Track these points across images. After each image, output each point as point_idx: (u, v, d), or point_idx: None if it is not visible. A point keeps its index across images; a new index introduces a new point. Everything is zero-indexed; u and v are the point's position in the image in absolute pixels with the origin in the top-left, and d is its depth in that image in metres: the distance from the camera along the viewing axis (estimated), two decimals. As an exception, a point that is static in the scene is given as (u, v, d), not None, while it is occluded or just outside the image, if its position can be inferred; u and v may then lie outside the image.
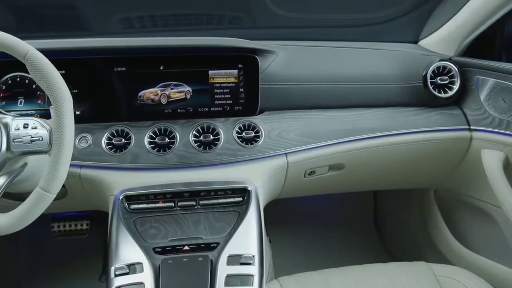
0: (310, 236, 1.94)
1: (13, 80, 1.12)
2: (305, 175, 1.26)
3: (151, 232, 1.02)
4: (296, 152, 1.18)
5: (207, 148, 1.14)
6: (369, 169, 1.33)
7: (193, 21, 1.53)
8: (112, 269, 0.92)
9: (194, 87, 1.17)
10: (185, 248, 0.98)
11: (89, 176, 1.10)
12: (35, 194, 0.82)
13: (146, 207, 1.06)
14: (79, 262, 1.82)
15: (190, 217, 1.06)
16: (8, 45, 0.83)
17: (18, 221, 0.82)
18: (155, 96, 1.16)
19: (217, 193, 1.09)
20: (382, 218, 2.00)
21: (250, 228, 1.02)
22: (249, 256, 0.94)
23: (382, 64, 1.32)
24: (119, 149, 1.12)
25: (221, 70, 1.17)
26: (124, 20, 1.51)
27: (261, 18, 1.53)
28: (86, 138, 1.12)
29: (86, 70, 1.13)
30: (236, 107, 1.20)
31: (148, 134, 1.14)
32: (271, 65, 1.22)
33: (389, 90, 1.30)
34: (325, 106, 1.27)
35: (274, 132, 1.19)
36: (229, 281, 0.90)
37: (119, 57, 1.14)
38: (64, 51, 1.11)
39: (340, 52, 1.34)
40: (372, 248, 1.94)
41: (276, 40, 1.32)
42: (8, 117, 0.86)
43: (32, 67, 0.82)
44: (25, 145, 0.84)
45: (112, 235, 1.00)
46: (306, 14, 1.52)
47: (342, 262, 1.23)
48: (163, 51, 1.16)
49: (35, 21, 1.55)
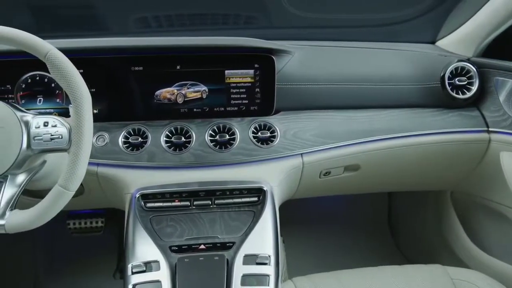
0: (323, 236, 1.93)
1: (32, 79, 1.14)
2: (320, 175, 1.25)
3: (167, 231, 1.02)
4: (312, 153, 1.18)
5: (223, 148, 1.14)
6: (385, 170, 1.32)
7: (209, 21, 1.54)
8: (129, 266, 0.93)
9: (210, 86, 1.17)
10: (201, 247, 0.99)
11: (106, 174, 1.11)
12: (54, 192, 0.83)
13: (162, 205, 1.07)
14: (94, 259, 1.84)
15: (205, 216, 1.06)
16: (29, 44, 0.84)
17: (38, 218, 0.83)
18: (171, 96, 1.17)
19: (232, 193, 1.10)
20: (396, 220, 1.98)
21: (266, 228, 1.02)
22: (265, 256, 0.95)
23: (399, 65, 1.31)
24: (136, 147, 1.13)
25: (237, 70, 1.17)
26: (141, 19, 1.52)
27: (277, 18, 1.53)
28: (103, 136, 1.13)
29: (104, 69, 1.15)
30: (252, 107, 1.20)
31: (165, 133, 1.15)
32: (287, 65, 1.22)
33: (406, 91, 1.28)
34: (341, 106, 1.26)
35: (290, 132, 1.18)
36: (245, 280, 0.90)
37: (136, 56, 1.15)
38: (83, 50, 1.13)
39: (356, 52, 1.33)
40: (386, 250, 1.93)
41: (291, 40, 1.32)
42: (28, 115, 0.88)
43: (52, 66, 0.83)
44: (45, 143, 0.85)
45: (128, 233, 1.01)
46: (322, 14, 1.52)
47: (355, 263, 1.22)
48: (180, 51, 1.16)
49: (53, 21, 1.57)
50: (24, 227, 0.83)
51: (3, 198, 0.84)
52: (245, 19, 1.55)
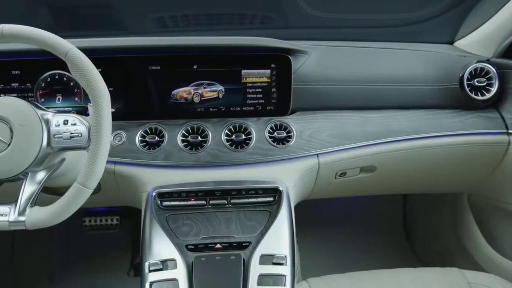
0: (336, 238, 1.92)
1: (52, 77, 1.15)
2: (336, 176, 1.24)
3: (183, 229, 1.03)
4: (328, 153, 1.18)
5: (239, 147, 1.15)
6: (401, 172, 1.30)
7: (225, 21, 1.54)
8: (146, 264, 0.94)
9: (227, 86, 1.18)
10: (217, 246, 0.99)
11: (123, 172, 1.12)
12: (73, 189, 0.83)
13: (178, 204, 1.08)
14: (109, 256, 1.86)
15: (221, 215, 1.07)
16: (51, 43, 0.85)
17: (58, 215, 0.84)
18: (188, 95, 1.17)
19: (248, 193, 1.10)
20: (411, 222, 1.96)
21: (282, 228, 1.02)
22: (281, 256, 0.95)
23: (416, 65, 1.30)
24: (153, 146, 1.13)
25: (254, 70, 1.17)
26: (158, 19, 1.53)
27: (294, 18, 1.52)
28: (120, 135, 1.14)
29: (121, 69, 1.16)
30: (268, 107, 1.20)
31: (181, 133, 1.15)
32: (303, 65, 1.22)
33: (424, 92, 1.27)
34: (357, 107, 1.25)
35: (306, 132, 1.18)
36: (262, 280, 0.90)
37: (154, 56, 1.16)
38: (102, 49, 1.14)
39: (373, 52, 1.32)
40: (400, 252, 1.91)
41: (308, 40, 1.32)
42: (49, 114, 0.88)
43: (72, 65, 0.84)
44: (64, 141, 0.86)
45: (145, 231, 1.02)
46: (339, 14, 1.51)
47: (369, 265, 1.21)
48: (197, 51, 1.17)
49: (72, 21, 1.59)
50: (44, 224, 0.84)
51: (23, 195, 0.85)
52: (261, 19, 1.55)
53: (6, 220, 0.83)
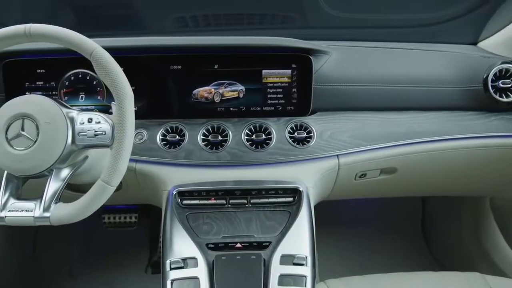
0: (353, 239, 1.91)
1: (75, 76, 1.17)
2: (356, 177, 1.24)
3: (203, 228, 1.04)
4: (348, 154, 1.17)
5: (259, 147, 1.15)
6: (422, 174, 1.29)
7: (246, 21, 1.54)
8: (167, 262, 0.94)
9: (248, 86, 1.18)
10: (238, 245, 0.99)
11: (144, 170, 1.13)
12: (97, 186, 0.85)
13: (198, 203, 1.09)
14: (127, 253, 1.88)
15: (241, 215, 1.07)
16: (76, 43, 0.86)
17: (81, 211, 0.85)
18: (208, 94, 1.18)
19: (268, 192, 1.10)
20: (430, 225, 1.93)
21: (302, 228, 1.02)
22: (302, 256, 0.95)
23: (439, 66, 1.28)
24: (173, 145, 1.14)
25: (275, 70, 1.17)
26: (179, 19, 1.54)
27: (314, 18, 1.52)
28: (141, 133, 1.16)
29: (143, 68, 1.17)
30: (288, 107, 1.19)
31: (202, 132, 1.16)
32: (324, 66, 1.21)
33: (446, 93, 1.25)
34: (378, 108, 1.24)
35: (326, 133, 1.18)
36: (282, 280, 0.90)
37: (175, 55, 1.17)
38: (124, 49, 1.15)
39: (395, 53, 1.31)
40: (419, 255, 1.89)
41: (328, 40, 1.31)
42: (73, 112, 0.90)
43: (97, 64, 0.86)
44: (89, 138, 0.87)
45: (166, 229, 1.03)
46: (360, 14, 1.50)
47: (387, 267, 1.20)
48: (218, 50, 1.17)
49: (94, 20, 1.61)
50: (68, 220, 0.85)
51: (48, 192, 0.86)
52: (281, 19, 1.54)
53: (32, 216, 0.85)
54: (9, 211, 0.85)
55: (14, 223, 0.86)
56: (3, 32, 0.87)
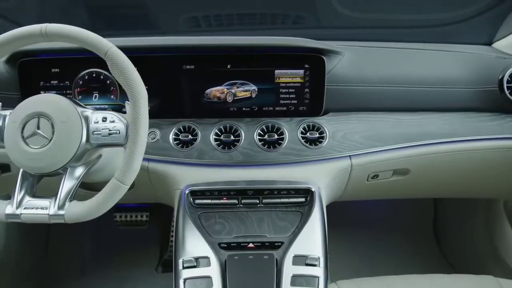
0: (364, 240, 1.90)
1: (89, 75, 1.18)
2: (368, 178, 1.23)
3: (215, 228, 1.04)
4: (361, 155, 1.16)
5: (271, 147, 1.15)
6: (435, 176, 1.28)
7: (258, 21, 1.54)
8: (180, 261, 0.95)
9: (260, 86, 1.18)
10: (250, 245, 0.99)
11: (157, 170, 1.14)
12: (111, 185, 0.85)
13: (210, 202, 1.09)
14: (138, 251, 1.90)
15: (253, 215, 1.07)
16: (91, 42, 0.87)
17: (95, 210, 0.86)
18: (221, 94, 1.18)
19: (280, 193, 1.10)
20: (442, 227, 1.92)
21: (315, 229, 1.02)
22: (314, 257, 0.95)
23: (453, 67, 1.27)
24: (186, 145, 1.15)
25: (287, 70, 1.17)
26: (191, 19, 1.54)
27: (327, 18, 1.51)
28: (154, 133, 1.16)
29: (157, 68, 1.17)
30: (300, 107, 1.19)
31: (214, 132, 1.16)
32: (337, 66, 1.21)
33: (461, 94, 1.24)
34: (391, 108, 1.23)
35: (339, 133, 1.17)
36: (295, 281, 0.90)
37: (188, 55, 1.17)
38: (138, 48, 1.16)
39: (408, 53, 1.30)
40: (431, 257, 1.87)
41: (341, 41, 1.30)
42: (88, 111, 0.90)
43: (112, 64, 0.86)
44: (103, 137, 0.88)
45: (178, 228, 1.03)
46: (373, 14, 1.49)
47: (398, 269, 1.19)
48: (231, 50, 1.18)
49: (107, 20, 1.62)
50: (82, 218, 0.86)
51: (63, 190, 0.87)
52: (294, 19, 1.54)
53: (47, 214, 0.86)
54: (24, 209, 0.86)
55: (29, 221, 0.87)
56: (19, 31, 0.88)
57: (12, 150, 0.87)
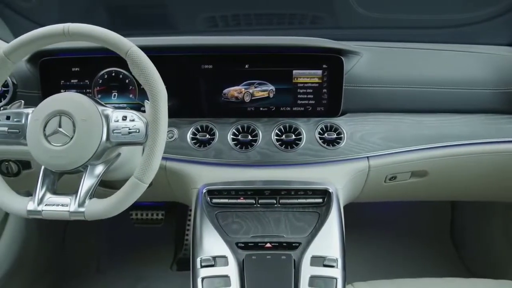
0: (380, 242, 1.89)
1: (109, 74, 1.19)
2: (386, 180, 1.22)
3: (233, 227, 1.04)
4: (379, 156, 1.16)
5: (289, 148, 1.14)
6: (454, 178, 1.26)
7: (275, 21, 1.54)
8: (198, 260, 0.95)
9: (278, 86, 1.18)
10: (267, 245, 0.99)
11: (174, 168, 1.15)
12: (130, 183, 0.86)
13: (227, 202, 1.09)
14: (153, 249, 1.91)
15: (270, 215, 1.07)
16: (113, 42, 0.88)
17: (115, 207, 0.87)
18: (239, 94, 1.18)
19: (297, 193, 1.09)
20: (459, 230, 1.89)
21: (332, 230, 1.02)
22: (333, 258, 0.94)
23: (474, 68, 1.25)
24: (203, 144, 1.15)
25: (305, 70, 1.17)
26: (209, 19, 1.55)
27: (345, 18, 1.50)
28: (172, 132, 1.17)
29: (175, 67, 1.18)
30: (318, 108, 1.19)
31: (231, 131, 1.16)
32: (355, 67, 1.20)
33: (481, 96, 1.22)
34: (410, 110, 1.22)
35: (357, 134, 1.16)
36: (313, 282, 0.90)
37: (206, 55, 1.17)
38: (158, 48, 1.16)
39: (427, 54, 1.28)
40: (447, 261, 1.84)
41: (359, 41, 1.29)
42: (108, 109, 0.91)
43: (132, 63, 0.87)
44: (123, 136, 0.89)
45: (196, 227, 1.03)
46: (392, 14, 1.47)
47: (414, 272, 1.18)
48: (249, 50, 1.18)
49: (124, 20, 1.64)
50: (102, 215, 0.87)
51: (83, 187, 0.88)
52: (311, 19, 1.53)
53: (67, 210, 0.87)
54: (45, 205, 0.88)
55: (50, 217, 0.88)
56: (42, 31, 0.89)
57: (34, 147, 0.88)
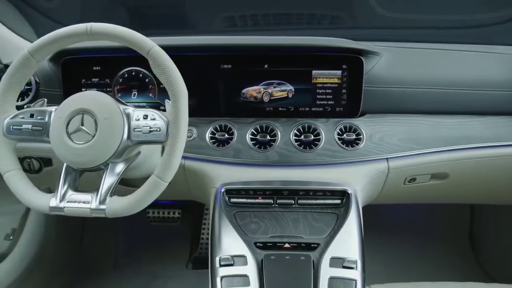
0: (397, 244, 1.87)
1: (129, 73, 1.20)
2: (405, 182, 1.21)
3: (251, 227, 1.04)
4: (398, 158, 1.14)
5: (308, 148, 1.14)
6: (475, 181, 1.24)
7: (294, 21, 1.54)
8: (216, 259, 0.95)
9: (297, 86, 1.17)
10: (286, 245, 0.99)
11: (193, 167, 1.15)
12: (151, 181, 0.87)
13: (245, 201, 1.09)
14: (169, 247, 1.92)
15: (288, 215, 1.07)
16: (135, 41, 0.88)
17: (135, 205, 0.87)
18: (257, 94, 1.18)
19: (315, 194, 1.09)
20: (479, 234, 1.86)
21: (351, 232, 1.01)
22: (352, 260, 0.94)
23: (495, 69, 1.23)
24: (222, 143, 1.15)
25: (325, 71, 1.16)
26: (227, 18, 1.55)
27: (364, 18, 1.49)
28: (191, 131, 1.17)
29: (194, 67, 1.18)
30: (337, 108, 1.18)
31: (250, 131, 1.16)
32: (375, 67, 1.19)
33: (503, 97, 1.20)
34: (430, 111, 1.21)
35: (376, 135, 1.16)
36: (332, 283, 0.90)
37: (226, 54, 1.18)
38: (178, 47, 1.17)
39: (449, 54, 1.26)
40: (466, 265, 1.82)
41: (378, 41, 1.28)
42: (129, 108, 0.92)
43: (154, 62, 0.87)
44: (143, 134, 0.89)
45: (214, 226, 1.04)
46: (412, 15, 1.46)
47: (431, 276, 1.17)
48: (269, 50, 1.18)
49: (144, 19, 1.65)
50: (122, 213, 0.88)
51: (104, 185, 0.89)
52: (330, 19, 1.53)
53: (88, 208, 0.88)
54: (67, 202, 0.89)
55: (71, 214, 0.89)
56: (66, 30, 0.91)
57: (57, 145, 0.89)
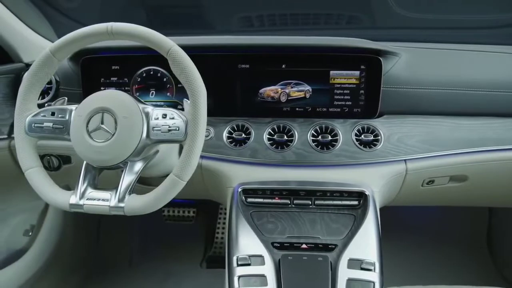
0: (414, 247, 1.85)
1: (147, 73, 1.22)
2: (423, 184, 1.19)
3: (268, 227, 1.04)
4: (417, 160, 1.13)
5: (325, 149, 1.14)
6: (495, 184, 1.22)
7: (311, 21, 1.53)
8: (234, 258, 0.95)
9: (314, 86, 1.17)
10: (303, 246, 0.99)
11: (210, 167, 1.16)
12: (169, 180, 0.87)
13: (262, 201, 1.09)
14: (184, 246, 1.94)
15: (305, 216, 1.07)
16: (155, 41, 0.89)
17: (153, 204, 0.88)
18: (275, 94, 1.18)
19: (333, 195, 1.09)
20: (497, 238, 1.83)
21: (369, 233, 1.00)
22: (370, 262, 0.93)
23: (516, 70, 1.21)
24: (239, 143, 1.16)
25: (343, 71, 1.15)
26: (244, 18, 1.55)
27: (383, 18, 1.48)
28: (208, 130, 1.18)
29: (213, 66, 1.18)
30: (355, 109, 1.17)
31: (267, 131, 1.16)
32: (393, 68, 1.18)
33: None
34: (449, 112, 1.19)
35: (394, 136, 1.15)
36: (350, 285, 0.89)
37: (244, 54, 1.18)
38: (196, 47, 1.18)
39: (469, 55, 1.25)
40: (483, 268, 1.79)
41: (397, 42, 1.27)
42: (149, 107, 0.92)
43: (173, 62, 0.88)
44: (162, 133, 0.89)
45: (231, 225, 1.04)
46: (432, 15, 1.44)
47: (449, 279, 1.15)
48: (286, 50, 1.17)
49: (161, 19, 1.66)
50: (140, 211, 0.89)
51: (123, 183, 0.90)
52: (348, 19, 1.52)
53: (107, 205, 0.89)
54: (87, 200, 0.90)
55: (91, 211, 0.90)
56: (87, 30, 0.92)
57: (77, 143, 0.90)
